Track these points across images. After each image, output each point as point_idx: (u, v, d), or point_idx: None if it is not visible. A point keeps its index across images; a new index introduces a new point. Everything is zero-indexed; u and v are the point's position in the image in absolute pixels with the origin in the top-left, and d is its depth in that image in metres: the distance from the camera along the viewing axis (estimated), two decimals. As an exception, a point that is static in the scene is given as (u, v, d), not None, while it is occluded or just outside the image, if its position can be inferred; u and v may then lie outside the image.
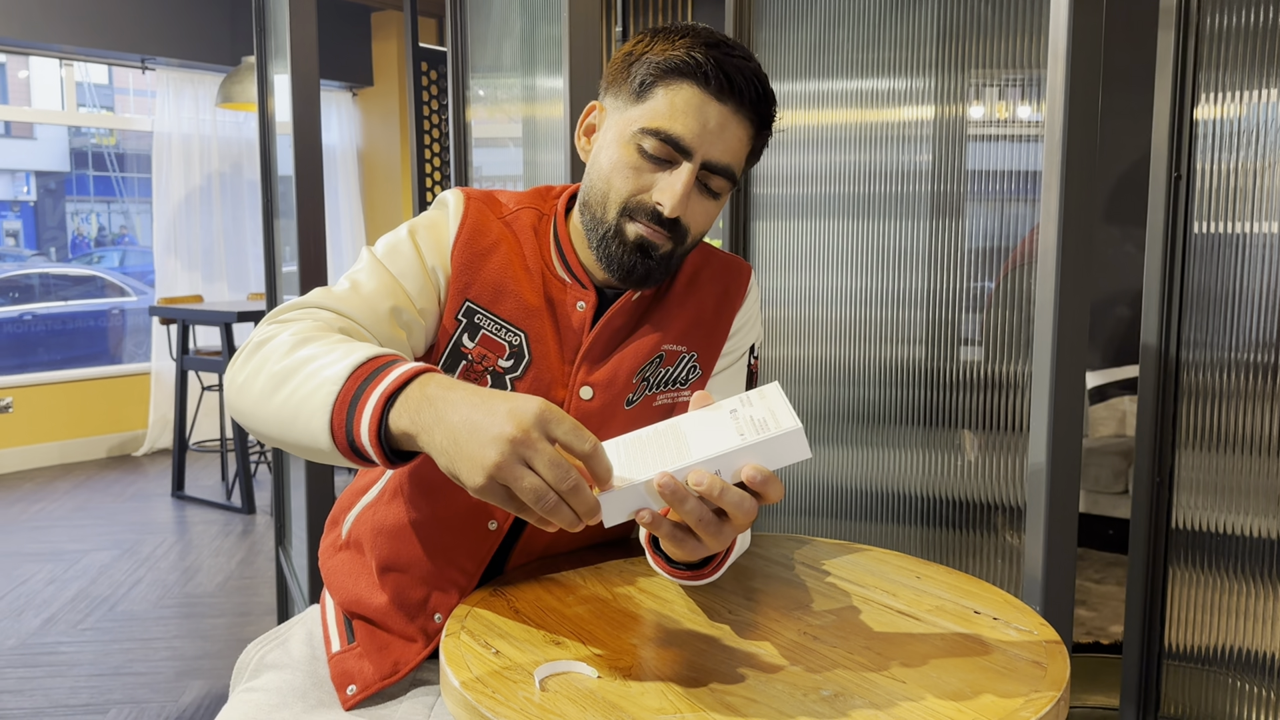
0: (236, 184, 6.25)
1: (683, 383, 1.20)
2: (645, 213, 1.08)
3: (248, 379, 0.96)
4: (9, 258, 6.54)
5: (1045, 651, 0.95)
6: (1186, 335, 1.64)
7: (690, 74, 1.05)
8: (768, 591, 1.12)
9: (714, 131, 1.06)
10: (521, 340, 1.14)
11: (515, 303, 1.14)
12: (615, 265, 1.11)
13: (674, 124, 1.05)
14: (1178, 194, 1.62)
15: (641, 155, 1.07)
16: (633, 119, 1.08)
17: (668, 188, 1.06)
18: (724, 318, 1.22)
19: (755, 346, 1.26)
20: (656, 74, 1.06)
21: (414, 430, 0.83)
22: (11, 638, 3.14)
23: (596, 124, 1.15)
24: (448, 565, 1.15)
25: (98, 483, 5.21)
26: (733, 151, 1.08)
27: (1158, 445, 1.67)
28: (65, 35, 5.32)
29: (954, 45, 1.56)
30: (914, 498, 1.65)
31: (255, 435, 0.98)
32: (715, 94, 1.05)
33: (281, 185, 2.95)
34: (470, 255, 1.14)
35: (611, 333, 1.17)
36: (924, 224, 1.63)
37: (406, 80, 3.94)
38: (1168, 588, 1.66)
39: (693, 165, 1.06)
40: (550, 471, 0.78)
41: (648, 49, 1.08)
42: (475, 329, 1.13)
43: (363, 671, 1.14)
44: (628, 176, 1.08)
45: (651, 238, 1.09)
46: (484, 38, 2.45)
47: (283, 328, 0.99)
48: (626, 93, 1.09)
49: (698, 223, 1.11)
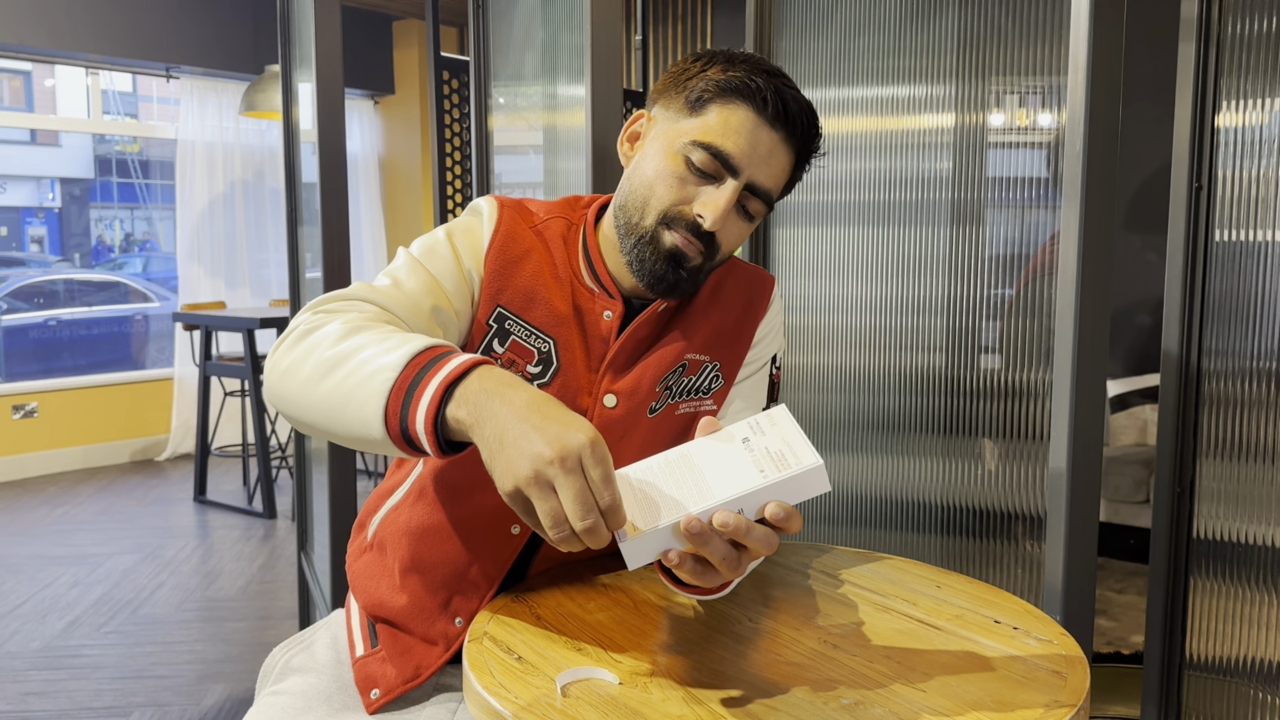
0: (259, 191, 6.30)
1: (705, 391, 1.21)
2: (684, 223, 1.10)
3: (294, 364, 0.96)
4: (34, 264, 6.61)
5: (1065, 662, 0.96)
6: (1208, 344, 1.63)
7: (749, 96, 1.07)
8: (787, 599, 1.12)
9: (763, 155, 1.08)
10: (550, 347, 1.15)
11: (545, 310, 1.15)
12: (646, 272, 1.12)
13: (726, 141, 1.07)
14: (1199, 203, 1.62)
15: (688, 167, 1.09)
16: (684, 130, 1.09)
17: (710, 202, 1.08)
18: (747, 328, 1.23)
19: (777, 357, 1.27)
20: (715, 91, 1.08)
21: (471, 421, 0.84)
22: (36, 640, 3.17)
23: (641, 132, 1.17)
24: (469, 568, 1.16)
25: (121, 487, 5.25)
26: (775, 177, 1.11)
27: (1179, 454, 1.66)
28: (91, 44, 5.38)
29: (974, 52, 1.56)
30: (934, 506, 1.65)
31: (295, 421, 0.98)
32: (769, 120, 1.07)
33: (305, 192, 2.98)
34: (503, 261, 1.15)
35: (636, 342, 1.18)
36: (944, 231, 1.63)
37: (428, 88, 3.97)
38: (1189, 598, 1.66)
39: (738, 183, 1.08)
40: (573, 505, 0.79)
41: (706, 68, 1.10)
42: (505, 334, 1.15)
43: (385, 675, 1.16)
44: (672, 186, 1.10)
45: (685, 249, 1.10)
46: (506, 46, 2.47)
47: (330, 317, 1.00)
48: (680, 105, 1.11)
49: (729, 241, 1.13)
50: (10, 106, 6.56)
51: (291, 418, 0.98)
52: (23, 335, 6.08)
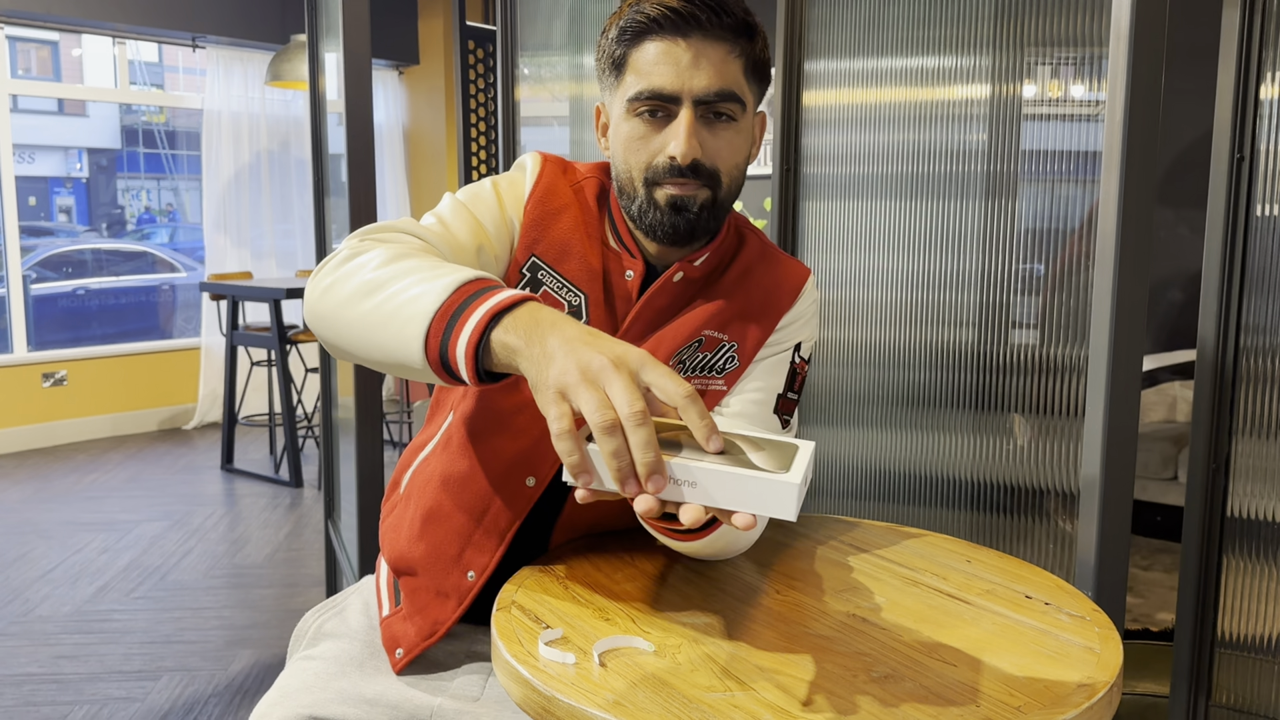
0: (285, 161, 6.31)
1: (719, 371, 1.19)
2: (665, 170, 1.10)
3: (335, 283, 0.97)
4: (62, 233, 6.66)
5: (1098, 637, 0.95)
6: (1246, 320, 1.61)
7: (646, 30, 1.08)
8: (816, 573, 1.12)
9: (689, 67, 1.07)
10: (582, 302, 1.15)
11: (579, 264, 1.16)
12: (661, 232, 1.12)
13: (651, 80, 1.08)
14: (1240, 175, 1.59)
15: (642, 122, 1.10)
16: (621, 97, 1.11)
17: (672, 137, 1.08)
18: (771, 314, 1.21)
19: (803, 346, 1.23)
20: (621, 47, 1.11)
21: (521, 344, 0.83)
22: (67, 605, 3.21)
23: (606, 120, 1.19)
24: (483, 517, 1.16)
25: (149, 455, 5.31)
26: (721, 75, 1.08)
27: (1214, 432, 1.64)
28: (118, 14, 5.39)
29: (1010, 22, 1.53)
30: (964, 482, 1.64)
31: (330, 342, 0.99)
32: (674, 34, 1.07)
33: (332, 163, 2.98)
34: (542, 213, 1.17)
35: (654, 312, 1.17)
36: (977, 204, 1.61)
37: (453, 59, 3.95)
38: (1221, 575, 1.64)
39: (686, 107, 1.08)
40: (623, 394, 0.76)
41: (608, 33, 1.13)
42: (538, 284, 1.16)
43: (407, 634, 1.17)
44: (638, 146, 1.11)
45: (681, 193, 1.10)
46: (533, 16, 2.45)
47: (377, 244, 1.00)
48: (609, 79, 1.14)
49: (724, 156, 1.11)
50: (38, 76, 6.58)
51: (327, 338, 0.99)
52: (52, 304, 6.13)
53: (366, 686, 1.12)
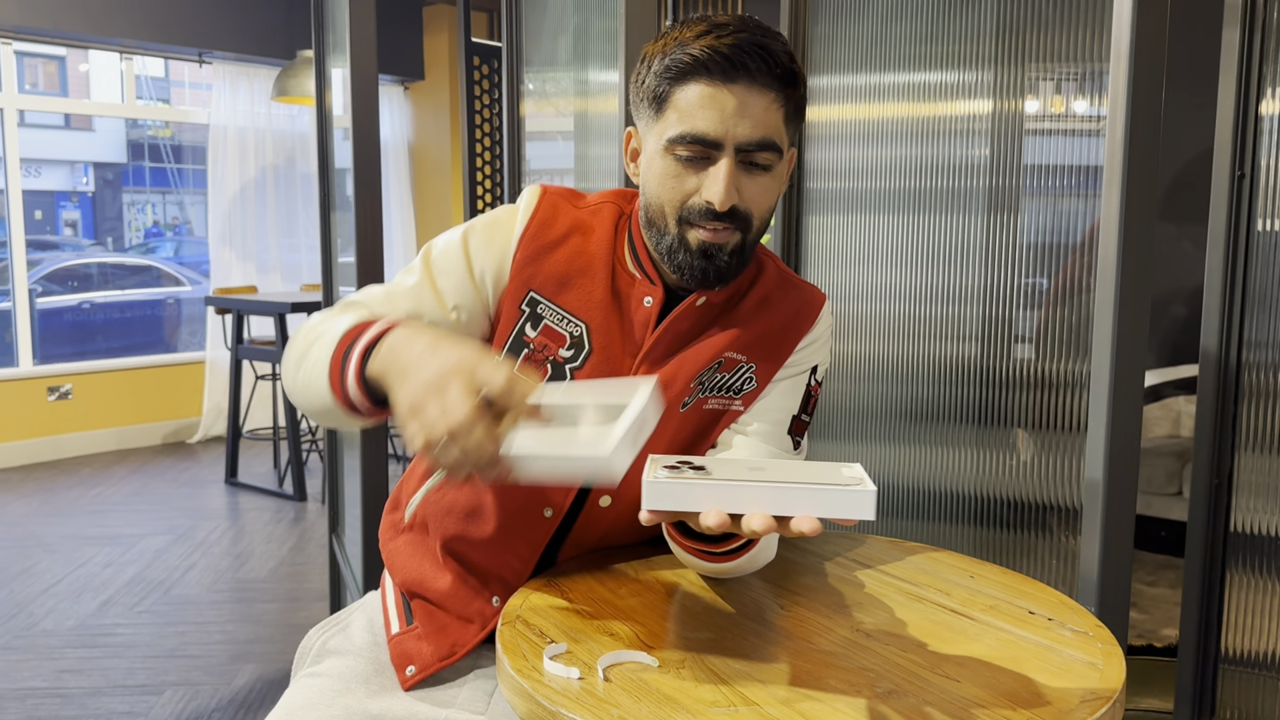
0: (290, 176, 6.33)
1: (737, 391, 1.20)
2: (700, 213, 1.09)
3: (285, 360, 1.12)
4: (68, 247, 6.68)
5: (1101, 653, 0.95)
6: (1248, 335, 1.61)
7: (694, 71, 1.07)
8: (821, 588, 1.12)
9: (734, 114, 1.06)
10: (583, 331, 1.16)
11: (579, 294, 1.17)
12: (689, 273, 1.12)
13: (695, 123, 1.07)
14: (1240, 191, 1.59)
15: (679, 163, 1.09)
16: (660, 132, 1.10)
17: (712, 183, 1.08)
18: (789, 338, 1.22)
19: (819, 369, 1.25)
20: (664, 84, 1.09)
21: (382, 369, 0.96)
22: (71, 619, 3.22)
23: (638, 148, 1.18)
24: (505, 550, 1.18)
25: (153, 468, 5.32)
26: (763, 124, 1.08)
27: (1217, 447, 1.64)
28: (125, 29, 5.43)
29: (1012, 38, 1.54)
30: (968, 496, 1.64)
31: (301, 409, 1.13)
32: (722, 80, 1.06)
33: (337, 177, 2.99)
34: (536, 248, 1.17)
35: (675, 335, 1.18)
36: (980, 219, 1.61)
37: (458, 74, 3.97)
38: (1225, 591, 1.64)
39: (727, 154, 1.07)
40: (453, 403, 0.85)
41: (651, 64, 1.11)
42: (538, 319, 1.17)
43: (421, 653, 1.17)
44: (673, 187, 1.10)
45: (713, 239, 1.10)
46: (538, 32, 2.46)
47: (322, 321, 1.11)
48: (647, 111, 1.13)
49: (758, 203, 1.11)
50: (45, 91, 6.62)
51: (298, 406, 1.12)
52: (57, 318, 6.15)
53: (372, 703, 1.13)
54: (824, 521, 0.84)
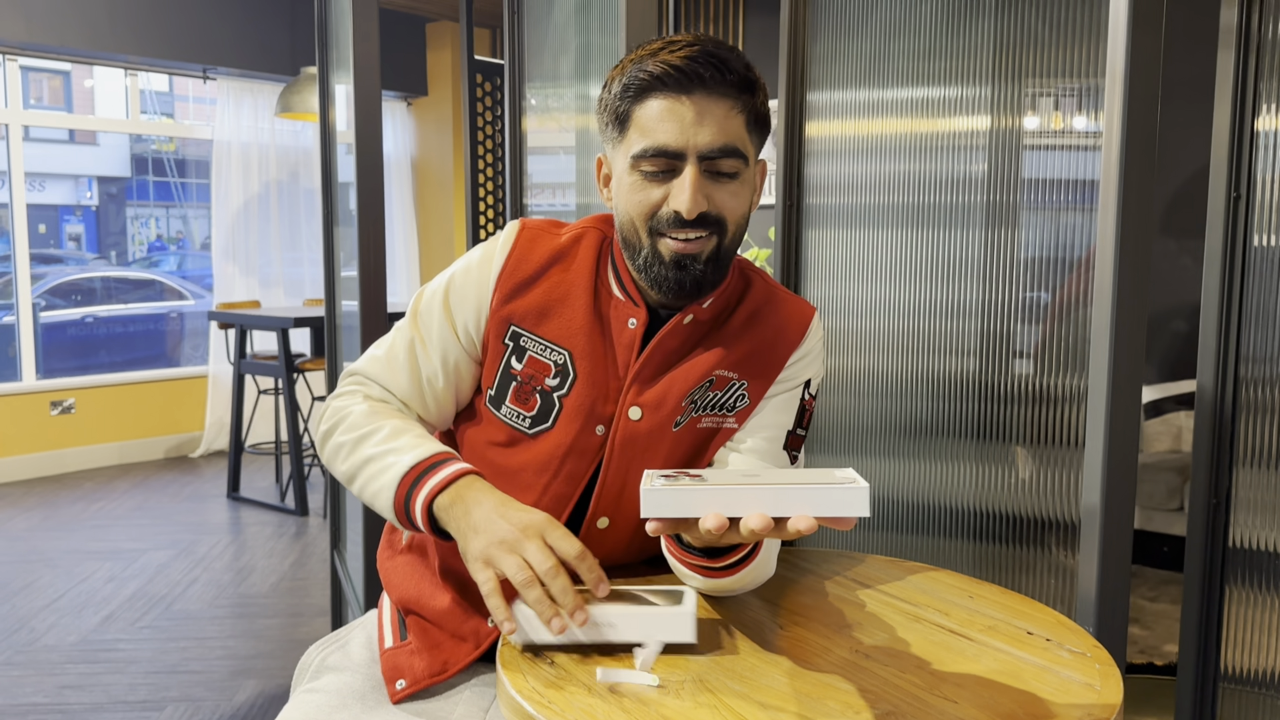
0: (293, 191, 6.35)
1: (729, 409, 1.21)
2: (670, 222, 1.11)
3: (330, 458, 1.22)
4: (71, 261, 6.70)
5: (1099, 674, 0.95)
6: (1245, 351, 1.61)
7: (650, 87, 1.09)
8: (820, 608, 1.13)
9: (693, 124, 1.08)
10: (566, 358, 1.17)
11: (560, 322, 1.18)
12: (666, 286, 1.14)
13: (656, 137, 1.09)
14: (1237, 210, 1.60)
15: (646, 178, 1.11)
16: (625, 152, 1.12)
17: (678, 192, 1.09)
18: (780, 353, 1.22)
19: (812, 383, 1.25)
20: (624, 103, 1.12)
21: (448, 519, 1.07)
22: (73, 634, 3.22)
23: (609, 172, 1.20)
24: None
25: (155, 483, 5.32)
26: (725, 130, 1.09)
27: (1215, 463, 1.64)
28: (130, 46, 5.46)
29: (1009, 56, 1.55)
30: (966, 511, 1.64)
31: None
32: (678, 91, 1.08)
33: (341, 192, 3.01)
34: (514, 284, 1.20)
35: (664, 354, 1.18)
36: (978, 234, 1.62)
37: (461, 90, 3.99)
38: (1224, 609, 1.64)
39: (690, 163, 1.09)
40: (536, 555, 0.98)
41: (611, 88, 1.14)
42: (522, 351, 1.19)
43: (413, 668, 1.18)
44: (641, 200, 1.12)
45: (686, 249, 1.11)
46: (540, 49, 2.48)
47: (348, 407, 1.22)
48: (611, 133, 1.15)
49: (729, 207, 1.12)
50: (50, 105, 6.65)
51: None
52: (61, 332, 6.16)
53: (367, 718, 1.13)
54: (825, 530, 0.87)
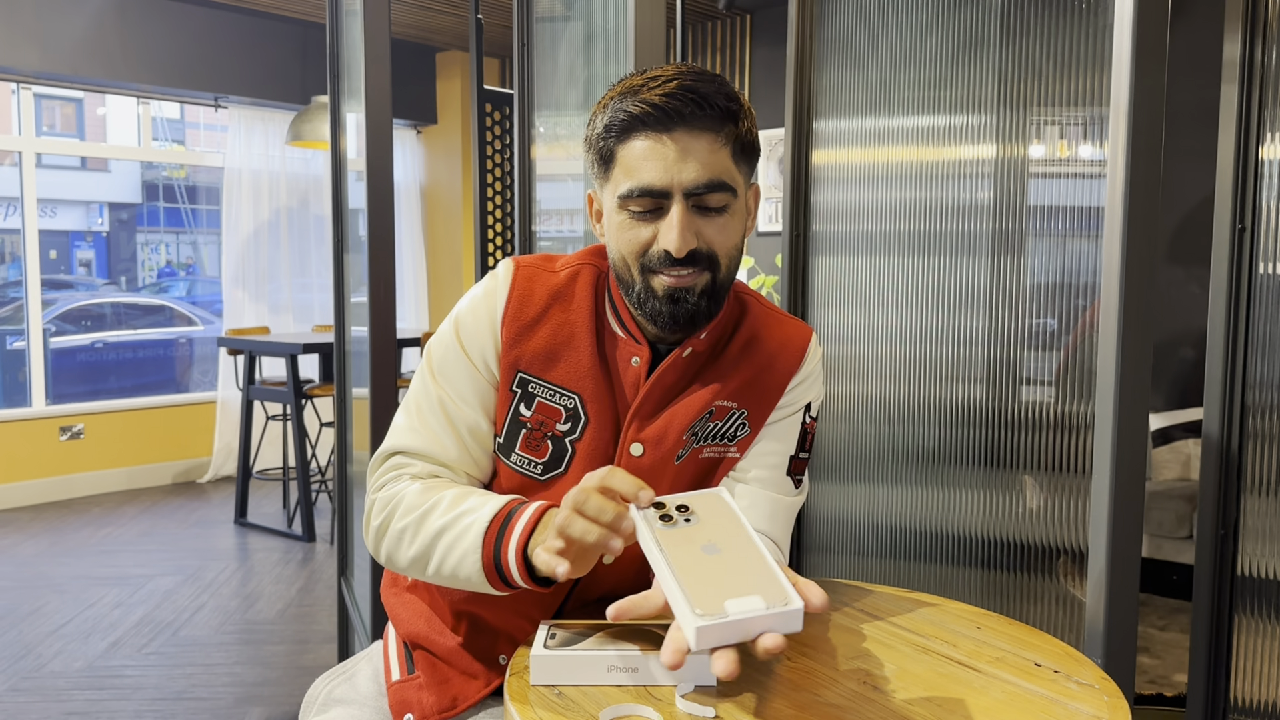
0: (303, 219, 6.39)
1: (730, 438, 1.21)
2: (660, 260, 1.10)
3: (392, 549, 1.15)
4: (82, 286, 6.74)
5: (1107, 706, 0.95)
6: (1252, 378, 1.61)
7: (631, 127, 1.08)
8: (828, 640, 1.12)
9: (677, 161, 1.07)
10: (576, 402, 1.17)
11: (568, 366, 1.17)
12: (662, 320, 1.13)
13: (640, 177, 1.08)
14: (1242, 240, 1.61)
15: (633, 217, 1.10)
16: (613, 191, 1.12)
17: (667, 231, 1.08)
18: (779, 379, 1.22)
19: (813, 406, 1.25)
20: (608, 143, 1.11)
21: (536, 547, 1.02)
22: (79, 660, 3.22)
23: (600, 209, 1.19)
24: (516, 615, 1.18)
25: (163, 508, 5.33)
26: (708, 166, 1.08)
27: (1222, 491, 1.64)
28: (143, 75, 5.51)
29: (1013, 86, 1.57)
30: (973, 539, 1.64)
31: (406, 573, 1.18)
32: (660, 130, 1.07)
33: (351, 219, 3.03)
34: (519, 327, 1.17)
35: (664, 389, 1.18)
36: (984, 261, 1.63)
37: (470, 119, 4.02)
38: (1233, 638, 1.63)
39: (677, 201, 1.08)
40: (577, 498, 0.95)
41: (594, 128, 1.13)
42: (530, 397, 1.17)
43: (422, 702, 1.17)
44: (631, 239, 1.11)
45: (679, 284, 1.10)
46: (550, 79, 2.50)
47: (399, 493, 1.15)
48: (599, 173, 1.14)
49: (719, 242, 1.11)
50: (62, 132, 6.71)
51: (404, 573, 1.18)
52: (70, 357, 6.19)
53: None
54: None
